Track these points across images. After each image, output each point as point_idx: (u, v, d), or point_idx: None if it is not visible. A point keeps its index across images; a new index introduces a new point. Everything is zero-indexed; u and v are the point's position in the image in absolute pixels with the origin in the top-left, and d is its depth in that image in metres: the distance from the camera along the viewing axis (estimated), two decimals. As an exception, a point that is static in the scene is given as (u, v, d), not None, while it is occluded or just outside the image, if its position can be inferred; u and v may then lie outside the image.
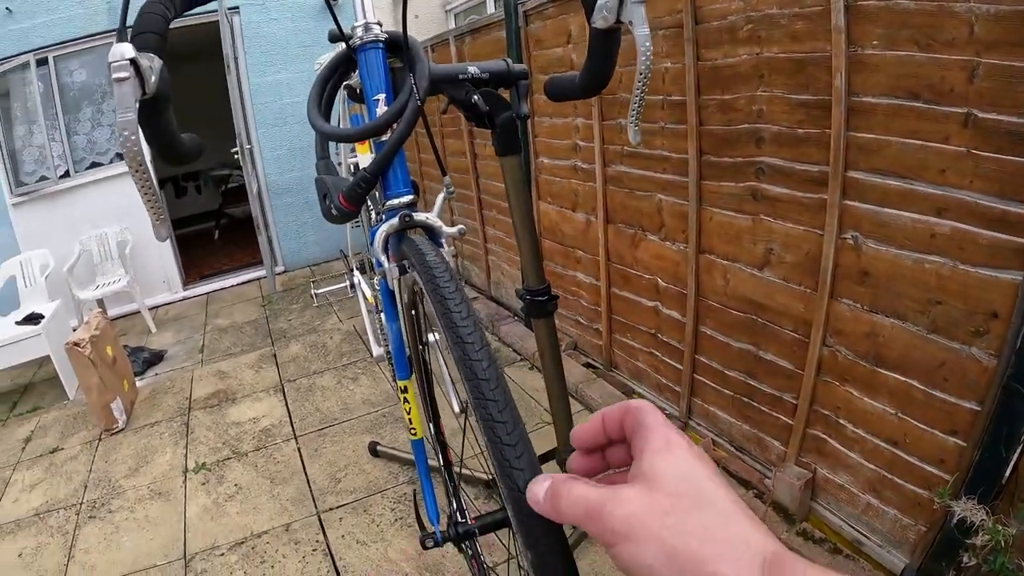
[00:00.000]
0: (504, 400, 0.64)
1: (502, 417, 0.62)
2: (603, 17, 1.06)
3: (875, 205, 1.87)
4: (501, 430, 0.61)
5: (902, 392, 1.93)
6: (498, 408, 0.63)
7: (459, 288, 0.79)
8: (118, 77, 0.72)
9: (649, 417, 0.47)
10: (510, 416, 0.62)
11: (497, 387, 0.65)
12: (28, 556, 2.88)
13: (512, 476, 0.56)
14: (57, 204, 6.15)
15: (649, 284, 3.03)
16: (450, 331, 0.73)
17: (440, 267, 0.84)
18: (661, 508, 0.40)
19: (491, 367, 0.68)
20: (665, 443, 0.44)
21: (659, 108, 2.64)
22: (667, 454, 0.43)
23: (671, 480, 0.41)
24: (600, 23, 1.07)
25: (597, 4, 1.06)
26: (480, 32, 4.12)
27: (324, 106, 1.16)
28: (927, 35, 1.62)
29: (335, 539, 2.68)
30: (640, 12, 1.03)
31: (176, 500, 3.13)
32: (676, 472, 0.42)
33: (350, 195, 1.05)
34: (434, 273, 0.83)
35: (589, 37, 1.12)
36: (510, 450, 0.58)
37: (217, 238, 9.48)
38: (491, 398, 0.64)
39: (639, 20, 1.04)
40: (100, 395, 3.79)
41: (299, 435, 3.58)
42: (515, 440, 0.59)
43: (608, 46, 1.14)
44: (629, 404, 0.50)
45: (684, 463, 0.42)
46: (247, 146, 6.13)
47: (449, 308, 0.76)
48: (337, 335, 5.02)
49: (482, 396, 0.65)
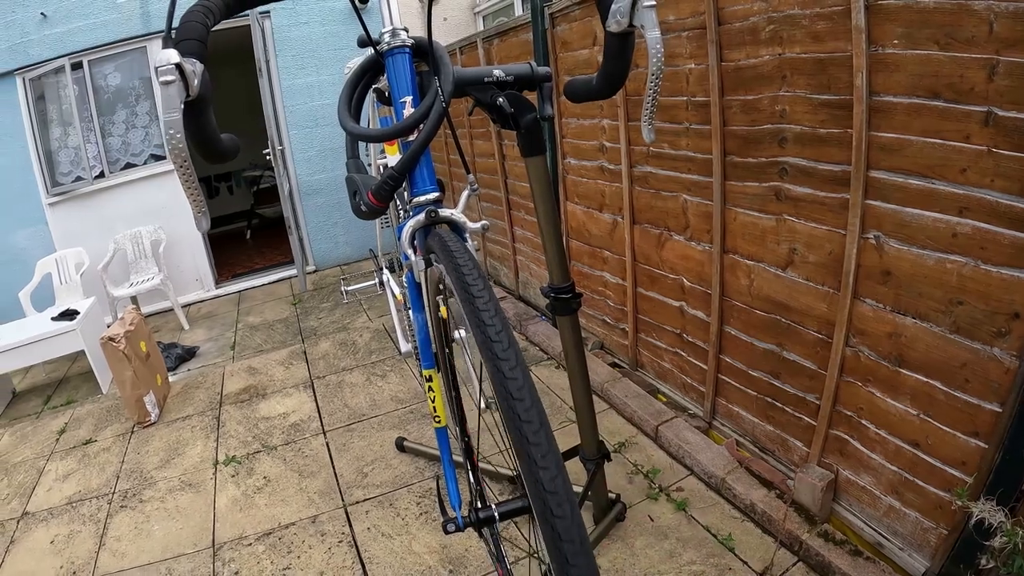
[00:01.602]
0: (531, 399, 0.65)
1: (528, 416, 0.63)
2: (616, 21, 1.08)
3: (897, 205, 1.87)
4: (527, 428, 0.62)
5: (924, 393, 1.91)
6: (524, 407, 0.64)
7: (485, 282, 0.81)
8: (164, 80, 0.76)
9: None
10: (536, 415, 0.63)
11: (524, 385, 0.67)
12: (60, 543, 2.97)
13: (537, 474, 0.57)
14: (92, 204, 6.32)
15: (674, 284, 3.04)
16: (478, 328, 0.74)
17: (465, 257, 0.87)
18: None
19: (518, 367, 0.69)
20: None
21: (683, 109, 2.65)
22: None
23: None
24: (614, 27, 1.09)
25: (611, 9, 1.08)
26: (508, 34, 4.15)
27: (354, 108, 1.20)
28: (947, 34, 1.62)
29: (361, 531, 2.72)
30: (651, 16, 1.05)
31: (206, 491, 3.21)
32: None
33: (379, 192, 1.08)
34: (459, 263, 0.85)
35: (605, 41, 1.14)
36: (535, 448, 0.60)
37: (249, 238, 9.63)
38: (517, 396, 0.65)
39: (650, 24, 1.06)
40: (133, 389, 3.89)
41: (327, 430, 3.64)
42: (540, 439, 0.61)
43: (622, 49, 1.16)
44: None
45: None
46: (279, 147, 6.23)
47: (477, 307, 0.77)
48: (367, 333, 5.09)
49: (509, 395, 0.66)
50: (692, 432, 2.91)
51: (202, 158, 0.92)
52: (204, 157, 0.93)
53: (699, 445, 2.81)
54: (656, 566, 2.32)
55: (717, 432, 2.94)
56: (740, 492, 2.51)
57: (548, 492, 0.55)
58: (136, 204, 6.37)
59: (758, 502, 2.45)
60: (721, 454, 2.73)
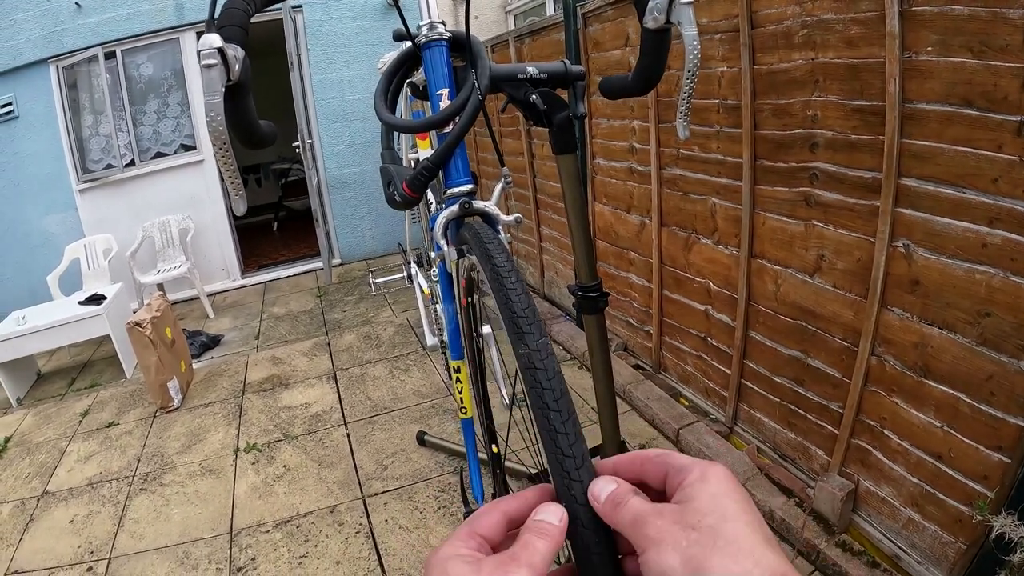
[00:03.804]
0: (560, 390, 0.66)
1: (557, 406, 0.63)
2: (653, 18, 1.08)
3: (927, 213, 1.85)
4: (555, 418, 0.62)
5: (949, 405, 1.89)
6: (554, 397, 0.65)
7: (517, 272, 0.82)
8: (207, 64, 0.78)
9: (677, 459, 0.51)
10: (565, 406, 0.64)
11: (554, 377, 0.67)
12: (79, 523, 3.03)
13: (563, 464, 0.57)
14: (122, 191, 6.44)
15: (700, 288, 3.03)
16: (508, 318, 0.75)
17: (497, 246, 0.87)
18: (689, 523, 0.44)
19: (549, 358, 0.70)
20: (702, 474, 0.48)
21: (715, 112, 2.64)
22: (703, 483, 0.47)
23: (703, 502, 0.45)
24: (651, 23, 1.10)
25: (648, 6, 1.08)
26: (539, 33, 4.15)
27: (390, 100, 1.21)
28: (981, 42, 1.60)
29: (378, 523, 2.75)
30: (688, 13, 1.05)
31: (226, 478, 3.26)
32: (708, 496, 0.45)
33: (413, 183, 1.09)
34: (490, 251, 0.86)
35: (641, 37, 1.14)
36: (563, 439, 0.60)
37: (276, 229, 9.72)
38: (547, 387, 0.66)
39: (687, 20, 1.06)
40: (158, 374, 3.95)
41: (349, 422, 3.67)
42: (568, 429, 0.61)
43: (659, 46, 1.16)
44: (646, 455, 0.53)
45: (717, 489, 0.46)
46: (308, 141, 6.29)
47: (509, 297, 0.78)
48: (391, 327, 5.12)
49: (538, 384, 0.66)
50: (713, 437, 2.90)
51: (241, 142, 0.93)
52: (243, 141, 0.94)
53: (719, 450, 2.80)
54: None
55: (738, 438, 2.92)
56: (759, 499, 2.50)
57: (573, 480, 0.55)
58: (165, 193, 6.48)
59: (777, 509, 2.44)
60: (741, 460, 2.72)
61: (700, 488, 0.46)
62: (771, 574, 0.40)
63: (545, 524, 0.50)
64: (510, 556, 0.47)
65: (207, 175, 6.59)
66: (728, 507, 0.44)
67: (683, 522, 0.44)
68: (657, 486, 0.52)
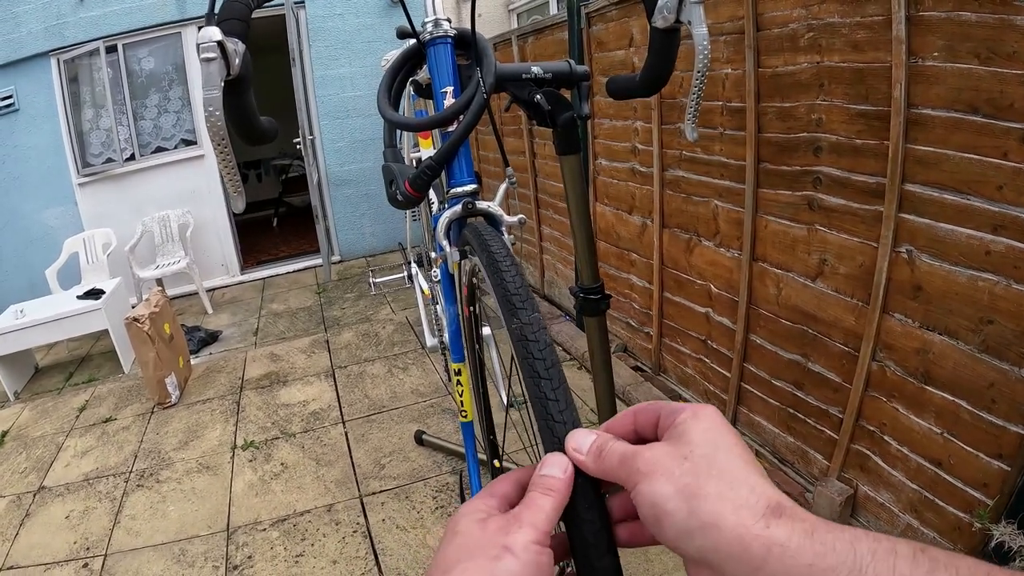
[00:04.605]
0: (551, 360, 0.66)
1: (548, 375, 0.63)
2: (663, 17, 1.07)
3: (931, 219, 1.84)
4: (546, 386, 0.62)
5: (949, 412, 1.89)
6: (545, 366, 0.65)
7: (519, 269, 0.81)
8: (206, 57, 0.76)
9: (668, 404, 0.51)
10: (556, 375, 0.64)
11: (545, 348, 0.67)
12: (75, 518, 3.02)
13: (554, 430, 0.57)
14: (122, 186, 6.44)
15: (702, 290, 3.02)
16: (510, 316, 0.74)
17: (499, 245, 0.86)
18: (681, 454, 0.44)
19: (541, 331, 0.70)
20: (693, 413, 0.47)
21: (718, 114, 2.63)
22: (694, 420, 0.46)
23: (695, 436, 0.45)
24: (660, 23, 1.08)
25: (658, 4, 1.07)
26: (542, 33, 4.15)
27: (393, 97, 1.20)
28: (988, 48, 1.59)
29: (375, 522, 2.74)
30: (699, 12, 1.05)
31: (223, 475, 3.25)
32: (700, 431, 0.45)
33: (415, 182, 1.08)
34: (492, 250, 0.85)
35: (650, 37, 1.13)
36: (553, 405, 0.60)
37: (276, 225, 9.71)
38: (539, 357, 0.66)
39: (697, 20, 1.05)
40: (156, 370, 3.94)
41: (347, 420, 3.66)
42: (559, 396, 0.61)
43: (668, 46, 1.15)
44: (636, 407, 0.53)
45: (709, 425, 0.46)
46: (309, 137, 6.28)
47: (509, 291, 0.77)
48: (390, 325, 5.11)
49: (530, 355, 0.66)
50: (711, 439, 2.89)
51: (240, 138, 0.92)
52: (242, 137, 0.93)
53: (718, 453, 2.78)
54: (671, 572, 2.31)
55: (736, 441, 2.91)
56: (757, 502, 2.49)
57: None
58: (165, 188, 6.48)
59: (775, 513, 2.43)
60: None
61: (692, 424, 0.46)
62: (767, 500, 0.40)
63: (550, 479, 0.50)
64: (514, 516, 0.47)
65: (207, 170, 6.58)
66: (720, 440, 0.44)
67: (675, 454, 0.44)
68: (650, 435, 0.51)
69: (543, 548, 0.46)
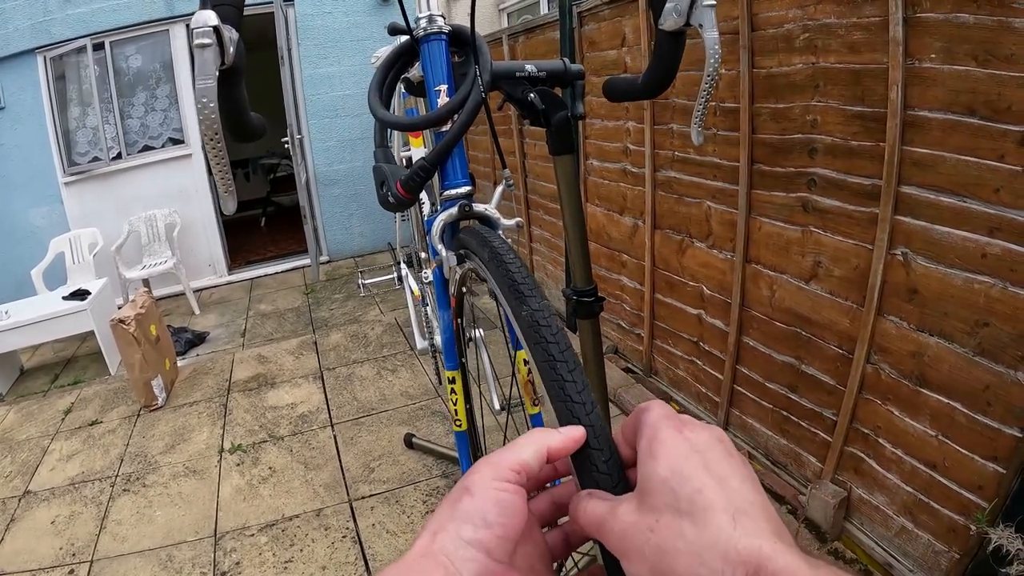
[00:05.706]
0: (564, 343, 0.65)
1: (563, 357, 0.62)
2: (673, 19, 1.06)
3: (927, 222, 1.84)
4: (562, 368, 0.61)
5: (944, 414, 1.88)
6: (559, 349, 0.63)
7: (525, 268, 0.79)
8: (201, 43, 0.71)
9: (646, 415, 0.47)
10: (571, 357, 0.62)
11: (558, 332, 0.66)
12: (61, 524, 2.98)
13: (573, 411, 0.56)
14: (108, 185, 6.36)
15: (694, 292, 3.01)
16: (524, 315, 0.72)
17: (501, 243, 0.85)
18: (646, 525, 0.40)
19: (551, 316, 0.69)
20: (648, 448, 0.44)
21: (711, 114, 2.62)
22: (652, 461, 0.43)
23: (657, 488, 0.41)
24: (669, 25, 1.07)
25: (666, 7, 1.05)
26: (534, 32, 4.13)
27: (384, 96, 1.17)
28: (986, 50, 1.59)
29: (365, 527, 2.71)
30: (711, 16, 1.03)
31: (210, 479, 3.21)
32: (662, 479, 0.41)
33: (408, 184, 1.06)
34: (496, 249, 0.83)
35: (656, 39, 1.11)
36: (571, 386, 0.58)
37: (264, 225, 9.64)
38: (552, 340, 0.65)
39: (709, 23, 1.04)
40: (142, 372, 3.90)
41: (336, 423, 3.63)
42: (576, 378, 0.60)
43: (675, 49, 1.13)
44: (638, 409, 0.49)
45: (670, 466, 0.42)
46: (297, 136, 6.22)
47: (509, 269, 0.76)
48: (379, 327, 5.08)
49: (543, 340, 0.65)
50: (704, 442, 2.88)
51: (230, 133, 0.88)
52: (232, 132, 0.89)
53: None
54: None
55: (729, 443, 2.90)
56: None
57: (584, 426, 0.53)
58: (152, 187, 6.41)
59: (768, 516, 2.42)
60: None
61: (651, 468, 0.42)
62: (744, 569, 0.36)
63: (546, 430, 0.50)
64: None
65: (195, 169, 6.51)
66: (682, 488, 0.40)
67: (641, 525, 0.41)
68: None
69: (505, 484, 0.45)
